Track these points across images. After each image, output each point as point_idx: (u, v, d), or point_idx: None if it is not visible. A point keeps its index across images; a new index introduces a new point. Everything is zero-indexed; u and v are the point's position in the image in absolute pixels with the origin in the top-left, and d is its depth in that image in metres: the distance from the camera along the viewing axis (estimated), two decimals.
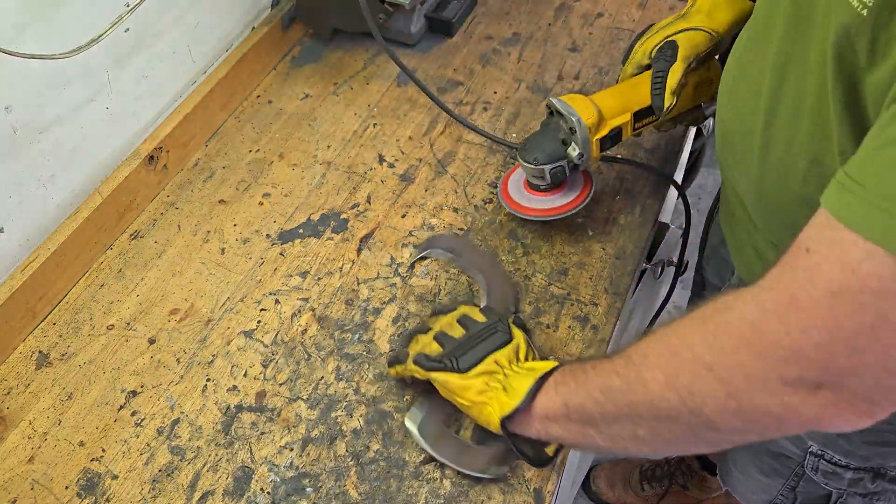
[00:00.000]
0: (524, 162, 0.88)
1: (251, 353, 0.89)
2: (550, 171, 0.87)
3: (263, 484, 0.79)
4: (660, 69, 0.86)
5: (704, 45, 0.87)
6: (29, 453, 0.82)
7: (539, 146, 0.87)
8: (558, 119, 0.87)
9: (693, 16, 0.89)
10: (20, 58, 0.80)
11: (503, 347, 0.74)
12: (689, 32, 0.88)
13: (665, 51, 0.87)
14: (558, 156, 0.87)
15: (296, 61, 1.24)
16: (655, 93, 0.86)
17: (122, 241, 1.01)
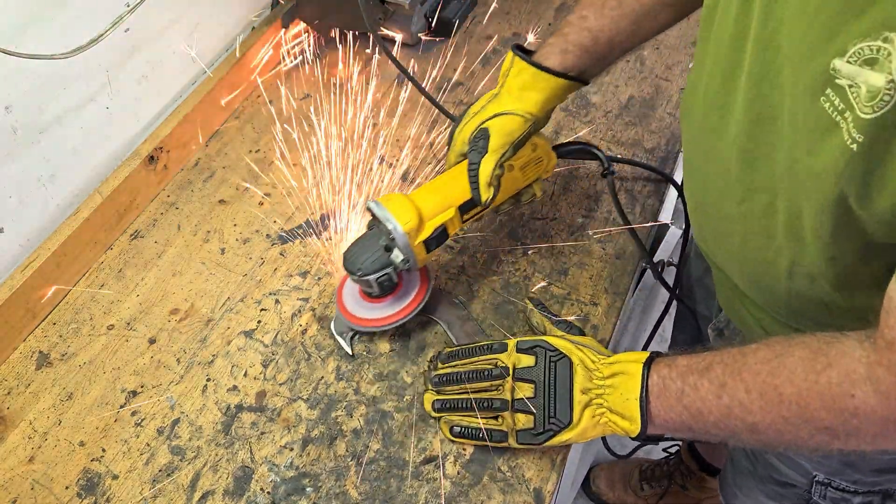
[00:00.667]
0: (350, 273, 0.82)
1: (251, 353, 0.89)
2: (377, 281, 0.82)
3: (263, 484, 0.79)
4: (473, 161, 0.81)
5: (519, 131, 0.82)
6: (29, 453, 0.82)
7: (362, 255, 0.82)
8: (378, 223, 0.82)
9: (503, 97, 0.84)
10: (20, 58, 0.80)
11: (575, 375, 0.73)
12: (501, 118, 0.82)
13: (477, 141, 0.81)
14: (382, 264, 0.81)
15: (296, 61, 1.24)
16: (473, 187, 0.81)
17: (122, 241, 1.01)
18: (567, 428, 0.72)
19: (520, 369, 0.75)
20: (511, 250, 0.97)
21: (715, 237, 0.79)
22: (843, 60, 0.49)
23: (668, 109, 1.14)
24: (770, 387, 0.61)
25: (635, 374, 0.70)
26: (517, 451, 0.80)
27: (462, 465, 0.79)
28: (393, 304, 0.87)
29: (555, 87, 0.83)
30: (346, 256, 0.83)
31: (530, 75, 0.82)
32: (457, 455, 0.80)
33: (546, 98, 0.83)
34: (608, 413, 0.71)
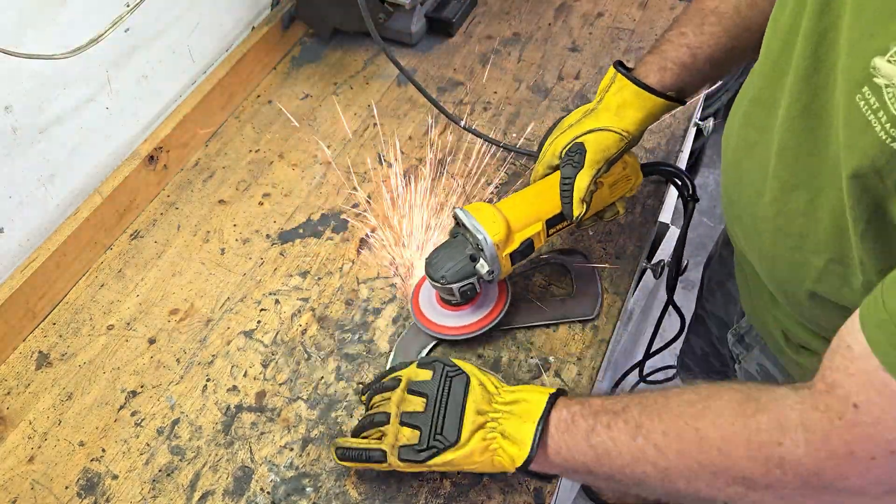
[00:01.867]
0: (431, 280, 0.81)
1: (251, 353, 0.89)
2: (459, 290, 0.81)
3: (263, 484, 0.79)
4: (567, 176, 0.80)
5: (615, 148, 0.81)
6: (29, 453, 0.82)
7: (446, 263, 0.81)
8: (465, 232, 0.81)
9: (601, 113, 0.83)
10: (20, 58, 0.80)
11: (470, 392, 0.70)
12: (597, 133, 0.81)
13: (573, 155, 0.80)
14: (467, 273, 0.80)
15: (296, 61, 1.24)
16: (564, 201, 0.80)
17: (122, 241, 1.01)
18: (452, 447, 0.68)
19: (413, 382, 0.73)
20: None
21: (746, 234, 0.77)
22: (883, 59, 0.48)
23: None
24: (691, 430, 0.58)
25: (538, 402, 0.67)
26: None
27: None
28: (472, 314, 0.86)
29: (654, 106, 0.82)
30: (430, 263, 0.82)
31: (631, 93, 0.82)
32: None
33: (644, 117, 0.82)
34: (499, 438, 0.68)
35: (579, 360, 0.87)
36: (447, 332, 0.86)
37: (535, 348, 0.88)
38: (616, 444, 0.62)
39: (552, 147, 0.84)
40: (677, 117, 1.12)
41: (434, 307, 0.87)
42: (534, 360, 0.87)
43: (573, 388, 0.84)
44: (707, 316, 1.13)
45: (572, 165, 0.80)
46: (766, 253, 0.73)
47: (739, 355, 0.94)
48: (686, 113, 1.13)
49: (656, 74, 0.82)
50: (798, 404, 0.53)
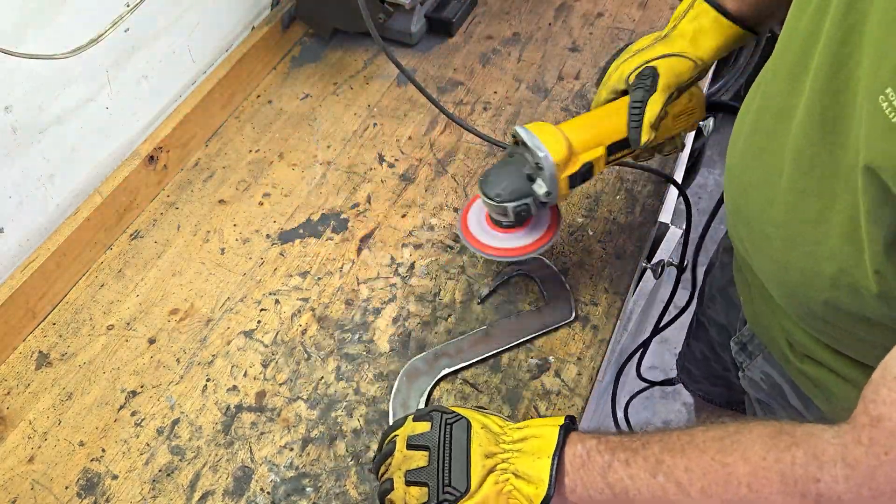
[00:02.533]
0: (485, 197, 0.79)
1: (251, 353, 0.89)
2: (514, 210, 0.78)
3: (263, 484, 0.79)
4: (638, 99, 0.77)
5: (687, 74, 0.79)
6: (29, 453, 0.82)
7: (502, 181, 0.78)
8: (523, 151, 0.78)
9: (675, 40, 0.81)
10: (20, 58, 0.80)
11: (473, 436, 0.65)
12: (671, 59, 0.79)
13: (645, 78, 0.78)
14: (523, 193, 0.78)
15: (296, 61, 1.24)
16: (633, 125, 0.78)
17: (122, 241, 1.01)
18: (464, 497, 0.63)
19: (412, 436, 0.67)
20: None
21: (754, 242, 0.75)
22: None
23: None
24: (718, 465, 0.55)
25: (549, 436, 0.64)
26: None
27: None
28: (523, 237, 0.83)
29: (732, 35, 0.80)
30: (485, 180, 0.78)
31: (710, 20, 0.79)
32: None
33: (720, 46, 0.80)
34: (513, 479, 0.63)
35: (579, 360, 0.87)
36: (496, 252, 0.84)
37: (535, 348, 0.88)
38: (635, 482, 0.59)
39: (618, 71, 0.82)
40: None
41: (483, 227, 0.84)
42: (534, 360, 0.87)
43: (573, 388, 0.85)
44: (708, 322, 1.13)
45: (644, 89, 0.77)
46: (777, 261, 0.71)
47: (743, 363, 0.93)
48: None
49: (734, 3, 0.80)
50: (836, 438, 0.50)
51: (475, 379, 0.85)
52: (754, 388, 0.94)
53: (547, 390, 0.84)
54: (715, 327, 1.11)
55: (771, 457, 0.52)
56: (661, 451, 0.58)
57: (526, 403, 0.83)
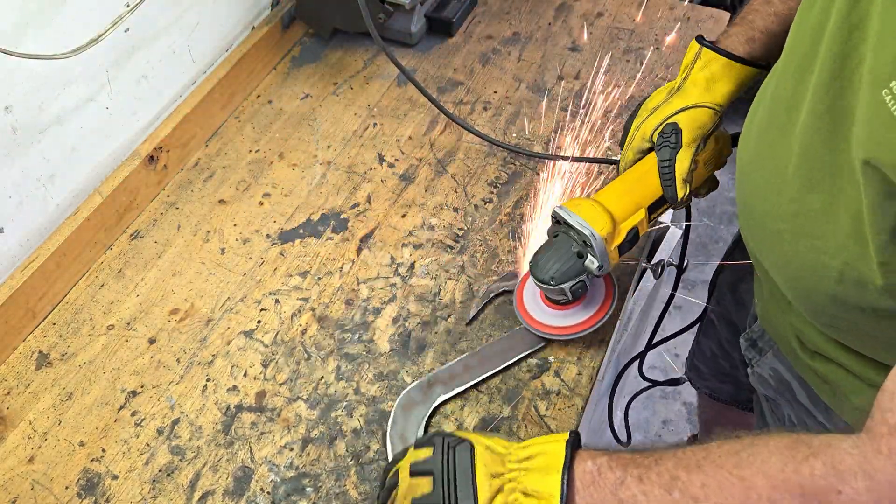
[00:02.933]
0: (540, 283, 0.79)
1: (251, 353, 0.89)
2: (571, 289, 0.79)
3: (263, 484, 0.79)
4: (666, 158, 0.78)
5: (710, 123, 0.80)
6: (29, 453, 0.82)
7: (553, 264, 0.78)
8: (567, 230, 0.79)
9: (689, 90, 0.81)
10: (20, 58, 0.80)
11: (477, 458, 0.64)
12: (690, 112, 0.79)
13: (668, 136, 0.79)
14: (576, 272, 0.78)
15: (296, 61, 1.24)
16: (666, 185, 0.78)
17: (122, 241, 1.01)
18: None
19: (415, 462, 0.66)
20: (511, 250, 0.97)
21: (763, 238, 0.76)
22: None
23: None
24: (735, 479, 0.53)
25: (556, 452, 0.62)
26: None
27: None
28: (583, 310, 0.84)
29: (744, 76, 0.81)
30: (536, 265, 0.79)
31: (720, 66, 0.80)
32: None
33: (734, 89, 0.81)
34: (521, 498, 0.62)
35: (579, 360, 0.87)
36: (559, 332, 0.85)
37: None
38: (649, 499, 0.57)
39: (641, 131, 0.83)
40: None
41: (541, 307, 0.85)
42: (534, 360, 0.87)
43: (573, 388, 0.85)
44: (717, 319, 1.13)
45: (670, 147, 0.78)
46: (785, 255, 0.71)
47: (752, 360, 0.94)
48: None
49: (744, 45, 0.81)
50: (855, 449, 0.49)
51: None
52: (763, 385, 0.94)
53: (547, 390, 0.84)
54: (725, 324, 1.11)
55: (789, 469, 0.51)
56: (676, 467, 0.57)
57: (526, 403, 0.83)
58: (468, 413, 0.83)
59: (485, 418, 0.82)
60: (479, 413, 0.83)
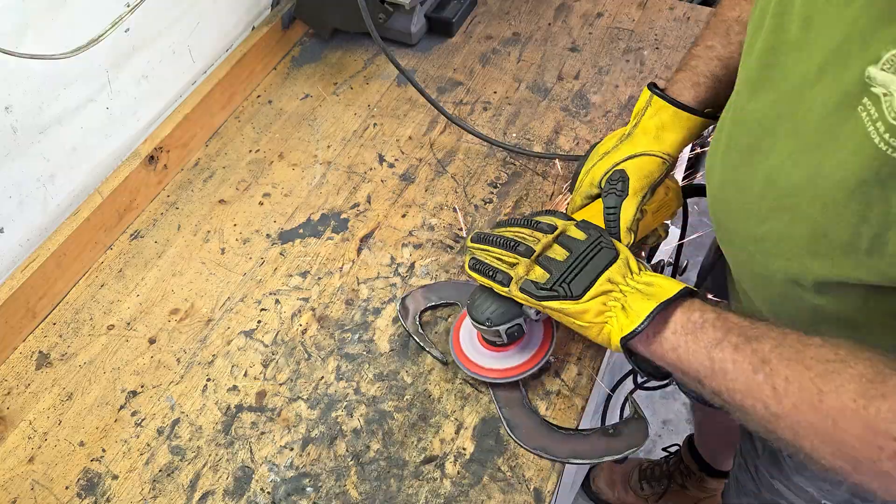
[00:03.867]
0: (476, 322, 0.77)
1: (251, 352, 0.89)
2: (506, 332, 0.77)
3: (263, 484, 0.79)
4: (611, 205, 0.78)
5: (657, 173, 0.80)
6: (29, 453, 0.82)
7: (490, 305, 0.76)
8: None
9: (638, 137, 0.81)
10: (20, 58, 0.80)
11: (614, 265, 0.70)
12: (638, 159, 0.79)
13: (615, 184, 0.79)
14: (513, 314, 0.76)
15: (296, 61, 1.24)
16: (611, 232, 0.78)
17: (122, 241, 1.01)
18: (572, 299, 0.69)
19: (565, 235, 0.73)
20: None
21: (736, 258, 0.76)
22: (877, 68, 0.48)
23: None
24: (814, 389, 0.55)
25: (669, 289, 0.66)
26: (518, 452, 0.80)
27: (462, 465, 0.79)
28: (515, 354, 0.82)
29: (693, 125, 0.81)
30: (473, 304, 0.77)
31: (670, 115, 0.80)
32: (457, 455, 0.80)
33: (683, 138, 0.81)
34: (617, 308, 0.67)
35: (579, 360, 0.87)
36: (492, 374, 0.83)
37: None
38: (735, 368, 0.60)
39: (590, 176, 0.82)
40: None
41: (476, 347, 0.84)
42: None
43: (573, 388, 0.85)
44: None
45: (616, 194, 0.78)
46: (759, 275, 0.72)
47: None
48: None
49: (690, 91, 0.81)
50: None
51: (475, 379, 0.85)
52: None
53: (547, 390, 0.84)
54: None
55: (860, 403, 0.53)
56: (771, 351, 0.59)
57: None
58: (468, 413, 0.83)
59: (485, 418, 0.82)
60: (479, 413, 0.83)
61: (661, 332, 0.65)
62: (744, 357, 0.60)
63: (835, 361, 0.56)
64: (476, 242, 0.77)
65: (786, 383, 0.57)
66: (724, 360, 0.61)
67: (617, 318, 0.67)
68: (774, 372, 0.58)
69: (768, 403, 0.58)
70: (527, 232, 0.75)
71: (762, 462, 0.98)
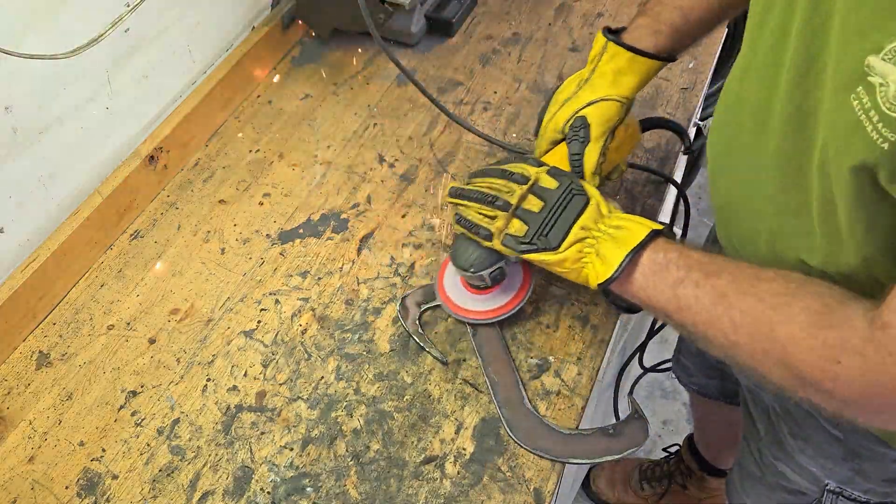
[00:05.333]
0: (460, 269, 0.82)
1: (251, 353, 0.89)
2: (490, 276, 0.82)
3: (263, 484, 0.79)
4: (575, 151, 0.82)
5: (617, 115, 0.83)
6: (29, 453, 0.82)
7: (472, 251, 0.80)
8: None
9: (597, 83, 0.84)
10: (20, 58, 0.80)
11: (587, 211, 0.73)
12: (599, 105, 0.83)
13: (578, 130, 0.83)
14: (495, 259, 0.80)
15: (296, 61, 1.24)
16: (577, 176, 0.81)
17: (122, 241, 1.01)
18: (550, 251, 0.73)
19: (539, 185, 0.76)
20: None
21: (741, 237, 0.78)
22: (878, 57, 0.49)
23: (667, 109, 1.14)
24: (766, 319, 0.61)
25: (638, 234, 0.70)
26: (518, 452, 0.80)
27: (462, 465, 0.79)
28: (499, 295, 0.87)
29: (649, 69, 0.84)
30: (456, 254, 0.82)
31: (626, 60, 0.83)
32: (457, 455, 0.80)
33: (640, 81, 0.84)
34: (593, 255, 0.72)
35: (579, 360, 0.87)
36: (479, 316, 0.87)
37: (535, 348, 0.88)
38: (697, 303, 0.65)
39: (553, 122, 0.86)
40: (677, 118, 1.12)
41: (462, 292, 0.88)
42: (534, 360, 0.87)
43: (573, 388, 0.85)
44: None
45: (579, 141, 0.82)
46: (765, 256, 0.73)
47: None
48: (686, 113, 1.13)
49: (650, 38, 0.83)
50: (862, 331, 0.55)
51: (475, 379, 0.85)
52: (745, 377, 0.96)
53: (547, 390, 0.84)
54: None
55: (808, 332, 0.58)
56: (728, 286, 0.64)
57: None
58: (468, 413, 0.83)
59: (485, 418, 0.82)
60: (480, 413, 0.83)
61: (631, 274, 0.70)
62: (704, 293, 0.65)
63: (786, 294, 0.61)
64: (455, 197, 0.80)
65: (742, 315, 0.62)
66: (688, 296, 0.66)
67: (593, 264, 0.72)
68: (732, 305, 0.63)
69: (727, 333, 0.63)
70: (501, 183, 0.78)
71: (765, 444, 0.98)
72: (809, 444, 0.90)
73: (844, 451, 0.86)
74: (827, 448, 0.88)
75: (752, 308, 0.62)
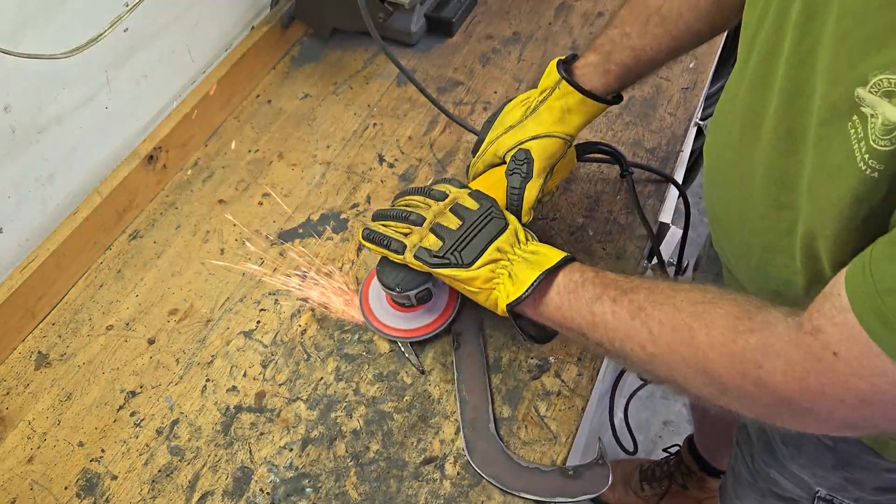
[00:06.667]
0: (386, 288, 0.80)
1: (251, 353, 0.89)
2: (416, 296, 0.81)
3: (263, 484, 0.78)
4: (515, 185, 0.82)
5: (559, 153, 0.84)
6: (28, 454, 0.82)
7: (401, 269, 0.79)
8: None
9: (545, 116, 0.84)
10: (20, 58, 0.80)
11: (502, 234, 0.74)
12: (543, 141, 0.83)
13: (521, 164, 0.82)
14: (423, 279, 0.79)
15: (295, 61, 1.24)
16: (513, 209, 0.82)
17: (121, 241, 1.00)
18: (462, 267, 0.73)
19: (459, 204, 0.77)
20: None
21: (734, 251, 0.77)
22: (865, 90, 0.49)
23: (668, 109, 1.14)
24: (686, 327, 0.60)
25: (552, 258, 0.71)
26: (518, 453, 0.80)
27: (462, 466, 0.79)
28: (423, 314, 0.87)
29: (598, 110, 0.85)
30: (384, 271, 0.80)
31: (576, 101, 0.83)
32: (457, 456, 0.80)
33: (586, 120, 0.85)
34: (505, 276, 0.72)
35: (579, 360, 0.87)
36: (404, 334, 0.87)
37: (535, 348, 0.88)
38: (614, 318, 0.65)
39: (494, 146, 0.86)
40: (678, 117, 1.12)
41: (385, 308, 0.87)
42: (534, 360, 0.87)
43: (573, 389, 0.84)
44: None
45: (521, 175, 0.82)
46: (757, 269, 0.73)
47: None
48: (686, 113, 1.13)
49: (601, 78, 0.83)
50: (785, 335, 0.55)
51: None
52: None
53: (547, 391, 0.84)
54: None
55: (729, 336, 0.58)
56: (645, 299, 0.64)
57: (526, 404, 0.83)
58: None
59: None
60: None
61: (546, 294, 0.70)
62: (621, 307, 0.65)
63: (704, 303, 0.61)
64: (375, 220, 0.80)
65: (660, 325, 0.62)
66: (605, 312, 0.66)
67: (504, 284, 0.72)
68: (650, 317, 0.63)
69: (645, 345, 0.63)
70: (419, 199, 0.79)
71: (757, 451, 0.98)
72: (801, 452, 0.90)
73: (835, 460, 0.85)
74: (818, 456, 0.87)
75: (671, 317, 0.62)
